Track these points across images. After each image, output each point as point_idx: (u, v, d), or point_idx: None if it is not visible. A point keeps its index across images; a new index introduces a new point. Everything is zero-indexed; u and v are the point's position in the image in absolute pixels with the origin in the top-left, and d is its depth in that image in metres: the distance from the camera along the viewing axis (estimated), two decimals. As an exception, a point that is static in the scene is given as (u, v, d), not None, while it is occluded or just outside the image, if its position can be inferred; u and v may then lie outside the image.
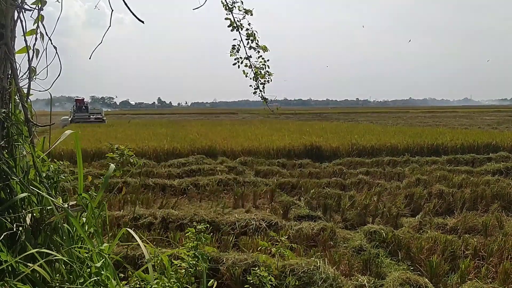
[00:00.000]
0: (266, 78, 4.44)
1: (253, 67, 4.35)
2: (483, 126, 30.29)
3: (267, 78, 4.45)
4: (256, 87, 4.46)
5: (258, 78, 4.41)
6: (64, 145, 14.48)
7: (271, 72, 4.40)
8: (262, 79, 4.41)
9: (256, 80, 4.43)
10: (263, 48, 4.28)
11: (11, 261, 2.08)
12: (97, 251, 2.43)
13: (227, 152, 14.59)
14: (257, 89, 4.48)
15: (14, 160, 2.47)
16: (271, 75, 4.42)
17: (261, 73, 4.36)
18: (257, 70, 4.34)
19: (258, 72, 4.36)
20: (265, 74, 4.40)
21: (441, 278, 4.88)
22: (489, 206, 7.90)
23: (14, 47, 2.57)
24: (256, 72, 4.36)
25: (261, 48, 4.26)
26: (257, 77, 4.40)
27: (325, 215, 7.52)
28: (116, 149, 3.25)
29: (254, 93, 4.52)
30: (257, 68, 4.33)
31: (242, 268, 4.43)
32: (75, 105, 44.94)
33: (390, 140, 16.39)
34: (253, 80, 4.44)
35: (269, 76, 4.43)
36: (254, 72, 4.37)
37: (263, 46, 4.27)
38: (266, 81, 4.46)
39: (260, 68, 4.33)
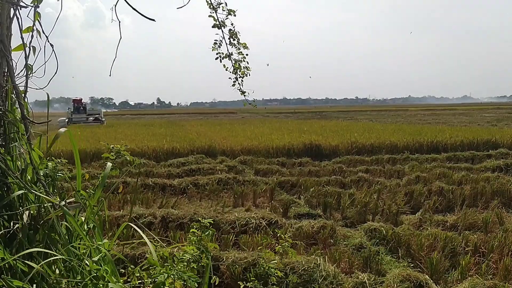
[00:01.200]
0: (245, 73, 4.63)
1: (233, 60, 4.54)
2: (482, 123, 30.29)
3: (246, 73, 4.64)
4: (235, 79, 4.64)
5: (237, 72, 4.60)
6: (63, 145, 14.47)
7: (249, 67, 4.63)
8: (240, 73, 4.59)
9: (235, 73, 4.60)
10: (244, 46, 4.51)
11: (9, 259, 2.07)
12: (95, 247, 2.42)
13: (226, 151, 14.59)
14: (236, 82, 4.66)
15: (11, 157, 2.46)
16: (249, 70, 4.65)
17: (239, 66, 4.53)
18: (237, 64, 4.52)
19: (237, 65, 4.53)
20: (244, 69, 4.59)
21: (441, 274, 4.88)
22: (489, 202, 7.90)
23: (10, 45, 2.56)
24: (235, 66, 4.54)
25: (241, 45, 4.48)
26: (236, 70, 4.58)
27: (325, 213, 7.52)
28: (112, 148, 3.24)
29: (233, 85, 4.68)
30: (236, 60, 4.51)
31: (242, 266, 4.42)
32: (72, 105, 43.11)
33: (389, 138, 16.39)
34: (232, 74, 4.62)
35: (248, 70, 4.63)
36: (233, 65, 4.55)
37: (244, 44, 4.52)
38: (244, 75, 4.63)
39: (239, 60, 4.51)
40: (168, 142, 15.92)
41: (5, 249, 2.18)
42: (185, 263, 2.88)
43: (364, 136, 16.98)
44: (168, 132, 22.24)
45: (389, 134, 18.21)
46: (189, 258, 2.97)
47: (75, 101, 43.38)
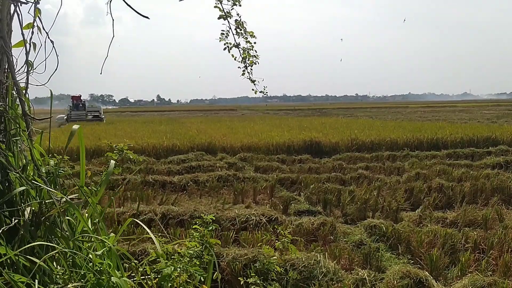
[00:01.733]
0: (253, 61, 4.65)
1: (241, 49, 4.55)
2: (482, 120, 30.26)
3: (254, 61, 4.65)
4: (244, 68, 4.66)
5: (245, 60, 4.61)
6: (63, 142, 14.49)
7: (257, 55, 4.64)
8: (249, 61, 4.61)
9: (244, 62, 4.62)
10: (251, 34, 4.52)
11: (10, 254, 2.07)
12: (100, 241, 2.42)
13: (226, 148, 14.59)
14: (245, 71, 4.67)
15: (13, 154, 2.46)
16: (258, 58, 4.66)
17: (248, 54, 4.55)
18: (245, 53, 4.55)
19: (246, 53, 4.55)
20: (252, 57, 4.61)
21: (441, 271, 4.89)
22: (489, 199, 7.91)
23: (11, 41, 2.56)
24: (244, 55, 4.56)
25: (248, 34, 4.48)
26: (244, 59, 4.59)
27: (325, 210, 7.53)
28: (115, 147, 3.25)
29: (242, 75, 4.70)
30: (245, 49, 4.53)
31: (242, 263, 4.43)
32: (71, 102, 41.85)
33: (389, 135, 16.39)
34: (241, 63, 4.63)
35: (256, 59, 4.65)
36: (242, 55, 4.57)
37: (250, 32, 4.53)
38: (253, 63, 4.66)
39: (247, 49, 4.53)
40: (168, 139, 15.92)
41: (7, 245, 2.19)
42: (188, 258, 2.90)
43: (364, 133, 16.98)
44: (168, 129, 22.23)
45: (389, 131, 18.21)
46: (192, 253, 2.99)
47: (74, 98, 42.36)
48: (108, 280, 2.20)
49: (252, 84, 4.85)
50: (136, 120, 37.90)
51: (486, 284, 4.08)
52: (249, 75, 4.74)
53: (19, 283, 2.05)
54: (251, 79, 4.76)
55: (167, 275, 2.57)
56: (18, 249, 2.20)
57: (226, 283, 4.43)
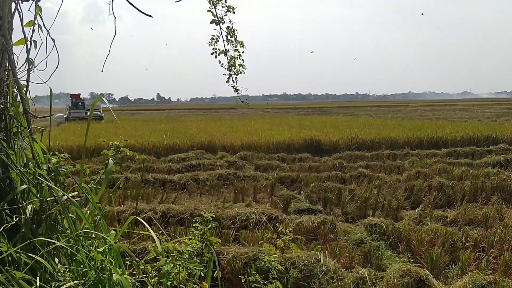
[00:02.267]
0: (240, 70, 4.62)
1: (229, 57, 4.52)
2: (482, 119, 30.25)
3: (241, 70, 4.63)
4: (229, 76, 4.63)
5: (232, 69, 4.58)
6: (64, 141, 14.52)
7: (244, 65, 4.64)
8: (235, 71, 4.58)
9: (230, 70, 4.60)
10: (240, 43, 4.50)
11: (11, 250, 2.08)
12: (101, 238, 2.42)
13: (226, 147, 14.60)
14: (230, 79, 4.65)
15: (14, 151, 2.46)
16: (244, 68, 4.66)
17: (234, 63, 4.52)
18: (232, 61, 4.51)
19: (232, 62, 4.52)
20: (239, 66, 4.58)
21: (441, 269, 4.89)
22: (489, 198, 7.91)
23: (12, 39, 2.55)
24: (231, 63, 4.53)
25: (238, 43, 4.47)
26: (230, 67, 4.57)
27: (325, 208, 7.53)
28: (112, 145, 3.24)
29: (227, 82, 4.67)
30: (232, 57, 4.50)
31: (243, 261, 4.43)
32: (70, 101, 40.60)
33: (390, 133, 16.39)
34: (227, 70, 4.61)
35: (243, 68, 4.63)
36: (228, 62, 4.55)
37: (240, 42, 4.47)
38: (239, 72, 4.63)
39: (235, 57, 4.49)
40: (168, 137, 15.92)
41: (9, 243, 2.19)
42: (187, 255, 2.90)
43: (364, 132, 16.98)
44: (168, 127, 22.22)
45: (389, 129, 18.20)
46: (192, 251, 2.99)
47: (73, 96, 41.12)
48: (109, 277, 2.20)
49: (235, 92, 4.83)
50: (136, 119, 37.86)
51: (486, 283, 4.09)
52: (233, 83, 4.73)
53: (20, 280, 2.05)
54: (234, 87, 4.74)
55: (166, 272, 2.57)
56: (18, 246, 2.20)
57: (226, 282, 4.44)
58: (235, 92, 4.82)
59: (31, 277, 2.11)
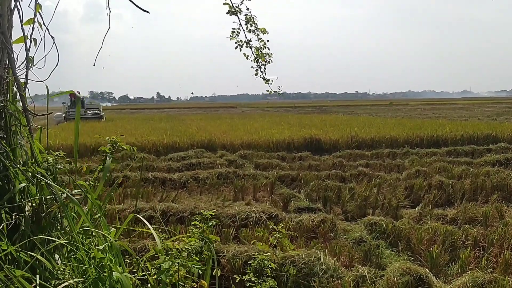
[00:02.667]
0: (266, 59, 4.45)
1: (253, 48, 4.37)
2: (482, 117, 30.25)
3: (267, 59, 4.46)
4: (257, 68, 4.48)
5: (258, 60, 4.43)
6: (63, 140, 14.52)
7: (271, 53, 4.42)
8: (262, 61, 4.43)
9: (257, 61, 4.45)
10: (262, 31, 4.30)
11: (10, 248, 2.07)
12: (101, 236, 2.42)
13: (226, 145, 14.60)
14: (258, 71, 4.50)
15: (13, 150, 2.46)
16: (271, 56, 4.45)
17: (261, 54, 4.37)
18: (258, 51, 4.36)
19: (259, 53, 4.37)
20: (265, 55, 4.42)
21: (441, 268, 4.89)
22: (489, 196, 7.91)
23: (11, 37, 2.55)
24: (257, 54, 4.38)
25: (260, 31, 4.28)
26: (257, 58, 4.42)
27: (325, 207, 7.53)
28: (108, 140, 3.22)
29: (256, 75, 4.53)
30: (258, 48, 4.35)
31: (242, 260, 4.43)
32: (69, 100, 38.73)
33: (389, 132, 16.39)
34: (254, 62, 4.46)
35: (269, 57, 4.45)
36: (254, 53, 4.38)
37: (262, 29, 4.30)
38: (267, 62, 4.47)
39: (260, 48, 4.35)
40: (168, 136, 15.92)
41: (8, 241, 2.19)
42: (186, 253, 2.90)
43: (364, 131, 16.98)
44: (168, 126, 22.22)
45: (389, 128, 18.20)
46: (191, 249, 2.99)
47: (72, 95, 37.92)
48: (110, 275, 2.20)
49: (266, 84, 4.66)
50: (136, 118, 37.87)
51: (486, 281, 4.08)
52: (263, 75, 4.58)
53: (20, 278, 2.05)
54: (265, 78, 4.59)
55: (165, 270, 2.56)
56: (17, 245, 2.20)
57: (226, 280, 4.44)
58: (266, 84, 4.67)
59: (31, 275, 2.11)
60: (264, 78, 4.56)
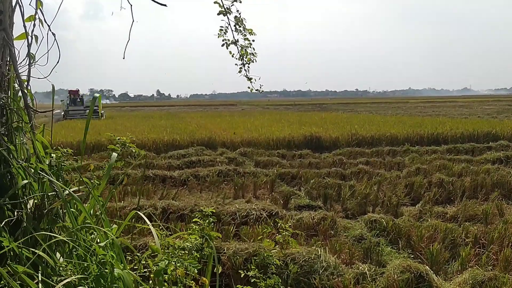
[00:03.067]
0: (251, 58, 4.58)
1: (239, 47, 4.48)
2: (482, 115, 30.23)
3: (252, 59, 4.58)
4: (241, 66, 4.60)
5: (243, 58, 4.55)
6: (64, 137, 14.52)
7: (255, 53, 4.59)
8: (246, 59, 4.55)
9: (242, 59, 4.56)
10: (250, 32, 4.46)
11: (13, 244, 2.08)
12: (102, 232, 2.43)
13: (226, 143, 14.60)
14: (242, 68, 4.61)
15: (15, 146, 2.46)
16: (256, 56, 4.61)
17: (246, 52, 4.49)
18: (243, 50, 4.48)
19: (243, 51, 4.48)
20: (250, 55, 4.54)
21: (441, 265, 4.90)
22: (489, 194, 7.92)
23: (13, 33, 2.55)
24: (242, 52, 4.50)
25: (247, 32, 4.42)
26: (242, 56, 4.53)
27: (326, 204, 7.54)
28: (118, 140, 3.24)
29: (239, 72, 4.64)
30: (243, 47, 4.47)
31: (243, 257, 4.44)
32: (68, 97, 38.20)
33: (390, 130, 16.39)
34: (239, 60, 4.57)
35: (254, 56, 4.58)
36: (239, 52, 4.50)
37: (250, 30, 4.46)
38: (251, 61, 4.59)
39: (245, 46, 4.46)
40: (168, 134, 15.93)
41: (10, 237, 2.19)
42: (186, 250, 2.90)
43: (364, 128, 16.98)
44: (168, 124, 22.22)
45: (390, 126, 18.20)
46: (191, 246, 2.99)
47: (71, 92, 38.43)
48: (111, 272, 2.20)
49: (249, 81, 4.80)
50: (136, 115, 37.84)
51: (486, 279, 4.09)
52: (246, 73, 4.69)
53: (22, 275, 2.05)
54: (247, 76, 4.71)
55: (161, 269, 2.56)
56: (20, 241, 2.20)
57: (227, 277, 4.45)
58: (249, 81, 4.79)
59: (33, 271, 2.11)
60: (247, 76, 4.68)
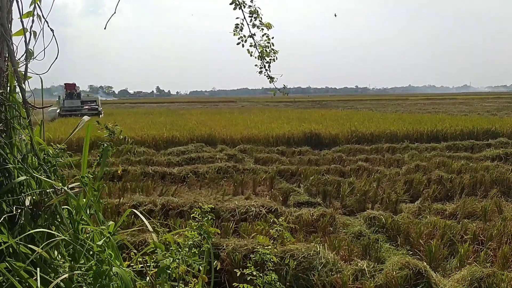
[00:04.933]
0: (271, 57, 4.28)
1: (258, 45, 4.20)
2: (482, 112, 30.23)
3: (273, 57, 4.29)
4: (262, 66, 4.31)
5: (263, 57, 4.27)
6: (63, 133, 14.51)
7: (276, 50, 4.24)
8: (267, 58, 4.27)
9: (262, 59, 4.28)
10: (267, 26, 4.09)
11: (11, 241, 2.08)
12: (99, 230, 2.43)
13: (226, 140, 14.60)
14: (262, 69, 4.33)
15: (12, 143, 2.46)
16: (277, 53, 4.26)
17: (266, 52, 4.21)
18: (262, 49, 4.19)
19: (263, 50, 4.21)
20: (270, 52, 4.25)
21: (440, 262, 4.91)
22: (488, 191, 7.92)
23: (11, 29, 2.54)
24: (261, 51, 4.21)
25: (265, 26, 4.07)
26: (262, 55, 4.25)
27: (325, 201, 7.54)
28: (106, 128, 3.19)
29: (260, 73, 4.36)
30: (262, 46, 4.18)
31: (242, 253, 4.45)
32: (64, 91, 34.63)
33: (389, 127, 16.39)
34: (258, 59, 4.29)
35: (275, 54, 4.28)
36: (259, 51, 4.22)
37: (267, 23, 4.08)
38: (271, 60, 4.30)
39: (265, 46, 4.18)
40: (167, 130, 15.93)
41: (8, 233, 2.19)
42: (187, 248, 2.90)
43: (364, 125, 16.97)
44: (168, 120, 22.20)
45: (389, 123, 18.19)
46: (191, 243, 2.99)
47: (67, 86, 35.00)
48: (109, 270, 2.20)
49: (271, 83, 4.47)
50: (136, 112, 37.79)
51: (484, 275, 4.10)
52: (267, 72, 4.40)
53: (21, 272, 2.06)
54: (269, 76, 4.42)
55: (165, 266, 2.56)
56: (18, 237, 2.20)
57: (226, 273, 4.46)
58: (271, 83, 4.49)
59: (32, 268, 2.12)
60: (269, 76, 4.38)
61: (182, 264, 2.70)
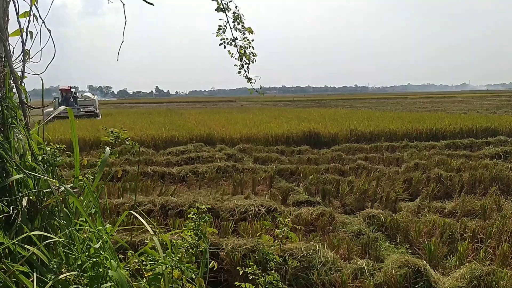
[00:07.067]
0: (250, 59, 4.51)
1: (238, 46, 4.41)
2: (481, 110, 30.24)
3: (252, 59, 4.52)
4: (241, 66, 4.54)
5: (242, 58, 4.48)
6: (62, 134, 14.50)
7: (255, 53, 4.52)
8: (246, 59, 4.48)
9: (241, 60, 4.50)
10: (249, 30, 4.37)
11: (8, 243, 2.08)
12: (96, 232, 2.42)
13: (225, 139, 14.61)
14: (241, 69, 4.55)
15: (9, 143, 2.45)
16: (256, 55, 4.54)
17: (245, 53, 4.42)
18: (242, 50, 4.41)
19: (243, 52, 4.42)
20: (250, 55, 4.47)
21: (439, 260, 4.91)
22: (487, 189, 7.93)
23: (8, 29, 2.53)
24: (241, 52, 4.43)
25: (246, 30, 4.34)
26: (241, 57, 4.47)
27: (324, 200, 7.54)
28: (111, 132, 3.20)
29: (239, 73, 4.58)
30: (242, 47, 4.40)
31: (241, 253, 4.44)
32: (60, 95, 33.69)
33: (388, 125, 16.39)
34: (237, 60, 4.50)
35: (254, 56, 4.51)
36: (239, 52, 4.43)
37: (249, 28, 4.37)
38: (250, 61, 4.53)
39: (245, 47, 4.39)
40: (167, 130, 15.92)
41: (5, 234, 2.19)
42: (183, 251, 2.89)
43: (363, 124, 16.98)
44: (167, 120, 22.19)
45: (388, 121, 18.19)
46: (187, 245, 2.98)
47: (62, 91, 34.11)
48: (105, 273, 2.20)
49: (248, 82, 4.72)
50: (135, 112, 37.74)
51: (484, 273, 4.10)
52: (245, 73, 4.62)
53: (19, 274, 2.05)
54: (247, 77, 4.64)
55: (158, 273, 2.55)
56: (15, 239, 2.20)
57: (225, 273, 4.45)
58: (249, 82, 4.71)
59: (28, 269, 2.11)
60: (247, 77, 4.61)
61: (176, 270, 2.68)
